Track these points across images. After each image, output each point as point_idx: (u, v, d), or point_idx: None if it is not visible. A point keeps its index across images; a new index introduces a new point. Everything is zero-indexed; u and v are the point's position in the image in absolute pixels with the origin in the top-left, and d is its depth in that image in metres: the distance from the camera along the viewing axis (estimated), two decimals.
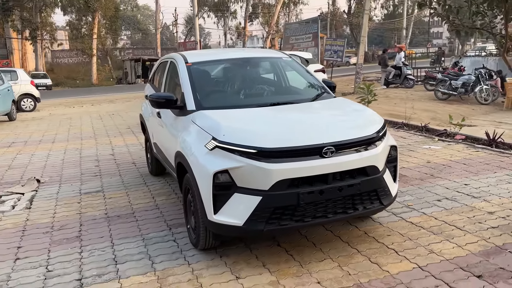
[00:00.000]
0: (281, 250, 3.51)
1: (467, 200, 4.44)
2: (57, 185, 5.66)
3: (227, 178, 3.10)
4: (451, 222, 3.92)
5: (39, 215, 4.58)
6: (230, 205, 3.11)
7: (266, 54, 5.06)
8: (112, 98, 19.49)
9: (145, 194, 5.13)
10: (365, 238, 3.67)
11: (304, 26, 21.02)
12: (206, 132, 3.31)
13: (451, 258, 3.28)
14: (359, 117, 3.62)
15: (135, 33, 76.99)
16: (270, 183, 3.01)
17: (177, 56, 4.67)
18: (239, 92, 4.25)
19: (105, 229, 4.13)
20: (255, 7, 50.25)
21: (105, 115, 12.95)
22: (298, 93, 4.35)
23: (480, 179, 5.11)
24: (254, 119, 3.50)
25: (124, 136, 8.97)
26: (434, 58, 35.16)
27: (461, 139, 7.45)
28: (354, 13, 50.55)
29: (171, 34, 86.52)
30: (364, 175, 3.25)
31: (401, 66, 18.80)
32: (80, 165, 6.64)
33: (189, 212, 3.69)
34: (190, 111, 3.78)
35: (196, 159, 3.26)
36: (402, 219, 4.04)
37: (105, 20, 42.93)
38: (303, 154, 3.08)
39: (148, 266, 3.34)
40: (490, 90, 13.78)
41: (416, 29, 68.27)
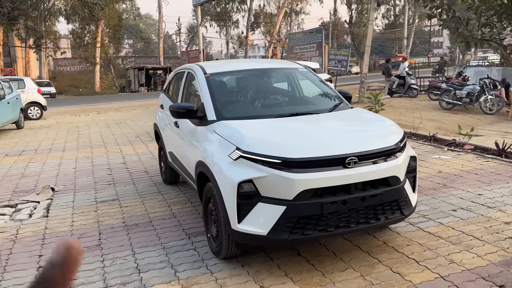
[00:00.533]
0: (302, 260, 3.53)
1: (483, 210, 4.47)
2: (72, 193, 5.70)
3: (251, 188, 3.14)
4: (468, 232, 3.95)
5: (58, 223, 4.61)
6: (254, 214, 3.15)
7: (282, 65, 5.12)
8: (118, 107, 19.57)
9: (160, 203, 5.17)
10: (385, 248, 3.70)
11: (308, 36, 21.17)
12: (229, 142, 3.36)
13: (472, 268, 3.31)
14: (380, 128, 3.67)
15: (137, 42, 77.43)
16: (294, 193, 3.05)
17: (194, 67, 4.74)
18: (257, 103, 4.31)
19: (124, 237, 4.16)
20: (257, 17, 50.61)
21: (112, 123, 13.01)
22: (316, 103, 4.40)
23: (493, 189, 5.15)
24: (277, 129, 3.55)
25: (134, 145, 9.02)
26: (436, 68, 35.36)
27: (470, 149, 7.49)
28: (355, 22, 50.91)
29: (173, 43, 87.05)
30: (386, 185, 3.29)
31: (405, 76, 18.89)
32: (93, 174, 6.68)
33: (210, 221, 3.73)
34: (211, 121, 3.84)
35: (220, 169, 3.31)
36: (420, 229, 4.07)
37: (109, 29, 43.21)
38: (327, 164, 3.12)
39: (172, 275, 3.37)
40: (495, 100, 13.85)
41: (417, 39, 68.55)
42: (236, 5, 50.63)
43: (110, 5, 37.42)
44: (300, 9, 50.54)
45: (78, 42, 45.13)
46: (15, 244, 4.12)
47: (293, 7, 49.06)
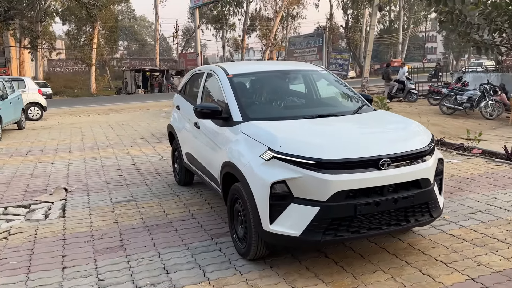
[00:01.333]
0: (330, 262, 3.53)
1: (502, 213, 4.50)
2: (85, 194, 5.65)
3: (284, 189, 3.13)
4: (491, 235, 3.97)
5: (76, 224, 4.57)
6: (287, 215, 3.14)
7: (303, 66, 5.12)
8: (117, 108, 19.47)
9: (177, 204, 5.14)
10: (411, 250, 3.71)
11: (308, 39, 21.26)
12: (260, 143, 3.35)
13: (500, 270, 3.33)
14: (408, 130, 3.68)
15: (132, 44, 77.27)
16: (328, 194, 3.05)
17: (215, 67, 4.73)
18: (282, 104, 4.31)
19: (146, 238, 4.13)
20: (253, 20, 50.69)
21: (115, 125, 12.94)
22: (340, 105, 4.42)
23: (508, 192, 5.19)
24: (307, 130, 3.55)
25: (141, 146, 8.97)
26: (431, 73, 35.65)
27: (478, 153, 7.55)
28: (351, 27, 51.18)
29: (168, 45, 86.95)
30: (417, 187, 3.30)
31: (405, 81, 19.03)
32: (104, 175, 6.63)
33: (236, 221, 3.71)
34: (237, 122, 3.83)
35: (251, 169, 3.29)
36: (442, 231, 4.09)
37: (105, 30, 43.04)
38: (361, 166, 3.13)
39: (201, 276, 3.35)
40: (495, 105, 13.98)
41: (411, 44, 69.10)
42: (233, 8, 50.74)
43: (108, 6, 37.29)
44: (297, 13, 50.73)
45: (74, 43, 44.89)
46: (36, 244, 4.07)
47: (289, 11, 49.18)
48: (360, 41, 47.81)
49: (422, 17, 62.92)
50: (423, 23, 65.76)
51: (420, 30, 68.25)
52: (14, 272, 3.52)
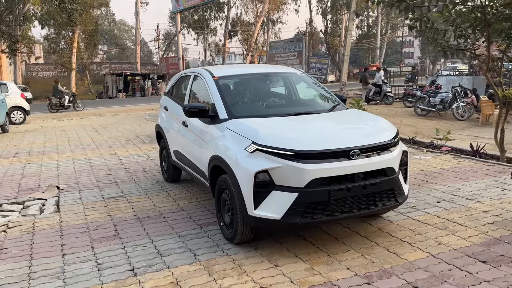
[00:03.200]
0: (308, 243, 3.92)
1: (463, 202, 4.97)
2: (77, 191, 5.93)
3: (266, 177, 3.52)
4: (452, 219, 4.43)
5: (71, 217, 4.86)
6: (269, 201, 3.53)
7: (283, 69, 5.54)
8: (100, 112, 19.60)
9: (166, 198, 5.47)
10: (380, 233, 4.14)
11: (289, 44, 21.79)
12: (245, 137, 3.73)
13: (457, 248, 3.77)
14: (376, 125, 4.12)
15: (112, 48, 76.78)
16: (305, 181, 3.45)
17: (201, 70, 5.09)
18: (263, 103, 4.70)
19: (139, 228, 4.45)
20: (234, 25, 51.18)
21: (99, 128, 13.14)
22: (316, 104, 4.84)
23: (471, 184, 5.68)
24: (286, 126, 3.95)
25: (127, 147, 9.25)
26: (408, 77, 36.69)
27: (447, 151, 8.09)
28: (330, 32, 52.10)
29: (148, 49, 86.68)
30: (384, 175, 3.73)
31: (381, 84, 19.72)
32: (93, 174, 6.90)
33: (223, 210, 4.08)
34: (223, 120, 4.20)
35: (237, 161, 3.67)
36: (409, 217, 4.53)
37: (85, 35, 42.87)
38: (334, 156, 3.54)
39: (192, 258, 3.70)
40: (466, 107, 14.72)
41: (389, 49, 70.58)
42: (214, 13, 51.09)
43: (88, 11, 37.21)
44: (277, 18, 51.44)
45: (53, 47, 44.56)
46: (35, 235, 4.35)
47: (270, 17, 49.85)
48: (339, 46, 48.77)
49: (399, 22, 64.44)
50: (400, 28, 67.32)
51: (398, 35, 69.80)
52: (17, 260, 3.81)
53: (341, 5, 49.23)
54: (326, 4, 51.96)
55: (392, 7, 6.64)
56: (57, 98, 20.35)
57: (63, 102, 20.38)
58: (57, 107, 20.36)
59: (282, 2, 48.54)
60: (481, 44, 7.60)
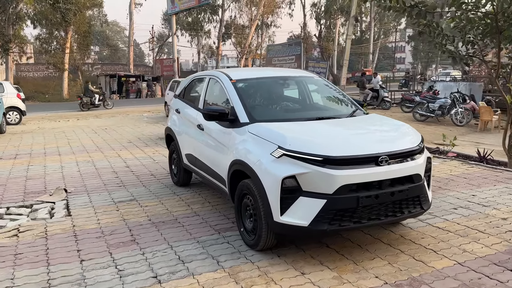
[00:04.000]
0: (332, 251, 3.86)
1: (480, 208, 4.95)
2: (86, 194, 5.81)
3: (293, 183, 3.45)
4: (472, 226, 4.40)
5: (84, 221, 4.74)
6: (296, 207, 3.46)
7: (299, 73, 5.48)
8: (96, 113, 19.37)
9: (178, 202, 5.37)
10: (403, 240, 4.09)
11: (287, 48, 21.78)
12: (270, 142, 3.66)
13: (483, 256, 3.73)
14: (401, 131, 4.08)
15: (104, 49, 76.26)
16: (334, 188, 3.39)
17: (217, 73, 5.02)
18: (282, 107, 4.64)
19: (156, 233, 4.36)
20: (228, 28, 51.08)
21: (98, 129, 12.97)
22: (336, 109, 4.78)
23: (484, 191, 5.67)
24: (311, 131, 3.89)
25: (130, 150, 9.12)
26: (402, 82, 36.94)
27: (453, 156, 8.09)
28: (324, 37, 52.27)
29: (140, 51, 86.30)
30: (411, 182, 3.69)
31: (378, 89, 19.79)
32: (100, 176, 6.78)
33: (244, 216, 4.00)
34: (244, 123, 4.13)
35: (263, 166, 3.59)
36: (429, 224, 4.50)
37: (78, 35, 42.47)
38: (362, 162, 3.48)
39: (215, 265, 3.61)
40: (465, 113, 14.81)
41: (381, 54, 71.02)
42: (208, 15, 50.98)
43: (82, 11, 36.90)
44: (271, 22, 51.46)
45: (45, 47, 44.07)
46: (48, 240, 4.23)
47: (264, 20, 49.85)
48: (333, 50, 48.94)
49: (391, 28, 64.94)
50: (392, 34, 67.84)
51: (390, 41, 70.35)
52: (34, 265, 3.69)
53: (335, 10, 49.45)
54: (320, 8, 52.17)
55: (404, 13, 6.63)
56: (88, 97, 21.35)
57: (94, 100, 21.37)
58: (88, 105, 21.35)
59: (277, 6, 48.62)
60: (490, 50, 7.63)
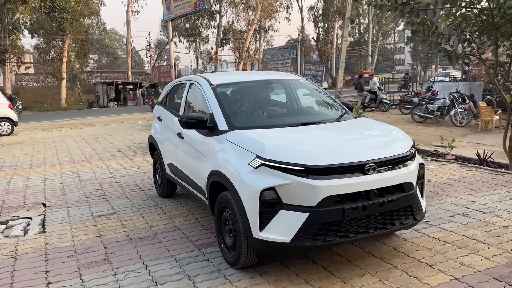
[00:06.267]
0: (319, 267, 3.57)
1: (479, 216, 4.65)
2: (65, 208, 5.53)
3: (273, 195, 3.16)
4: (471, 236, 4.10)
5: (57, 239, 4.46)
6: (276, 222, 3.17)
7: (284, 76, 5.20)
8: (90, 122, 19.14)
9: (160, 216, 5.09)
10: (396, 253, 3.79)
11: (283, 51, 21.54)
12: (248, 151, 3.38)
13: (482, 269, 3.43)
14: (391, 136, 3.79)
15: (102, 57, 76.29)
16: (317, 200, 3.10)
17: (197, 78, 4.75)
18: (265, 113, 4.35)
19: (132, 251, 4.07)
20: (226, 33, 50.92)
21: (89, 138, 12.71)
22: (322, 113, 4.50)
23: (484, 196, 5.37)
24: (293, 138, 3.61)
25: (118, 159, 8.84)
26: (401, 84, 36.68)
27: (452, 159, 7.80)
28: (322, 40, 52.06)
29: (139, 58, 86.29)
30: (401, 191, 3.39)
31: (376, 91, 19.50)
32: (82, 188, 6.50)
33: (224, 230, 3.71)
34: (223, 131, 3.85)
35: (240, 177, 3.31)
36: (425, 234, 4.20)
37: (75, 44, 42.37)
38: (348, 171, 3.19)
39: (191, 286, 3.33)
40: (464, 113, 14.50)
41: (380, 56, 70.78)
42: (205, 21, 50.83)
43: (79, 19, 36.79)
44: (269, 26, 51.27)
45: (43, 56, 43.99)
46: (17, 261, 3.95)
47: (262, 24, 49.70)
48: (331, 53, 48.73)
49: (390, 29, 64.73)
50: (391, 35, 67.64)
51: (389, 42, 70.15)
52: None
53: (332, 13, 49.27)
54: (317, 12, 52.02)
55: (396, 11, 6.36)
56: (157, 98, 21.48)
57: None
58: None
59: (274, 10, 48.47)
60: (487, 48, 7.35)
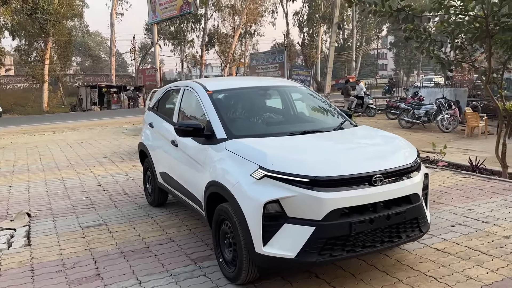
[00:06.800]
0: (322, 282, 3.43)
1: (479, 225, 4.58)
2: (51, 218, 5.28)
3: (277, 208, 3.02)
4: (474, 247, 4.02)
5: (44, 252, 4.22)
6: (280, 236, 3.02)
7: (282, 83, 5.07)
8: (73, 126, 18.70)
9: (152, 226, 4.89)
10: (400, 266, 3.68)
11: (270, 56, 21.45)
12: (249, 161, 3.23)
13: (490, 283, 3.34)
14: (395, 145, 3.68)
15: (85, 60, 75.18)
16: (324, 213, 2.96)
17: (192, 84, 4.58)
18: (265, 120, 4.21)
19: (124, 265, 3.87)
20: (211, 37, 50.72)
21: (74, 143, 12.37)
22: (323, 121, 4.37)
23: (480, 204, 5.32)
24: (295, 147, 3.47)
25: (105, 166, 8.58)
26: (385, 89, 37.03)
27: (444, 166, 7.77)
28: (307, 45, 52.29)
29: (123, 61, 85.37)
30: (408, 203, 3.28)
31: (363, 96, 19.57)
32: (69, 197, 6.25)
33: (223, 244, 3.55)
34: (221, 140, 3.69)
35: (242, 189, 3.16)
36: (426, 245, 4.10)
37: (58, 46, 41.63)
38: (355, 183, 3.07)
39: None
40: (451, 119, 14.61)
41: (364, 61, 71.43)
42: (191, 25, 50.56)
43: (62, 21, 36.16)
44: (254, 30, 51.29)
45: (24, 59, 43.08)
46: (1, 277, 3.71)
47: (247, 29, 49.67)
48: (316, 58, 48.94)
49: (373, 35, 65.41)
50: (374, 41, 68.35)
51: (372, 48, 70.85)
52: None
53: (317, 18, 49.54)
54: (302, 17, 52.26)
55: (390, 17, 6.30)
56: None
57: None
58: None
59: (259, 14, 48.50)
60: (479, 55, 7.36)
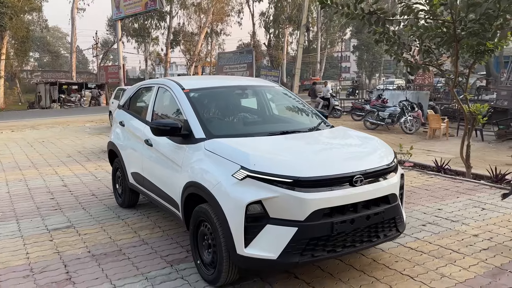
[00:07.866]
0: (301, 282, 3.42)
1: (449, 224, 4.72)
2: (14, 221, 5.02)
3: (259, 209, 2.98)
4: (446, 246, 4.13)
5: (9, 256, 4.00)
6: (262, 237, 2.99)
7: (259, 82, 5.02)
8: (33, 124, 17.95)
9: (124, 228, 4.74)
10: (376, 266, 3.73)
11: (238, 56, 21.42)
12: (231, 161, 3.17)
13: (463, 280, 3.44)
14: (373, 146, 3.72)
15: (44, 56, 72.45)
16: (306, 213, 2.95)
17: (168, 82, 4.47)
18: (243, 120, 4.16)
19: (96, 269, 3.72)
20: (176, 35, 50.07)
21: (35, 142, 11.86)
22: (301, 121, 4.37)
23: (448, 204, 5.48)
24: (276, 147, 3.44)
25: (69, 166, 8.26)
26: (349, 91, 37.75)
27: (410, 166, 7.97)
28: (273, 46, 52.60)
29: (84, 57, 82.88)
30: (386, 203, 3.33)
31: (329, 98, 19.86)
32: (32, 198, 5.96)
33: (202, 246, 3.48)
34: (200, 139, 3.61)
35: (223, 190, 3.10)
36: (400, 244, 4.18)
37: (15, 41, 39.88)
38: (336, 183, 3.08)
39: None
40: (413, 121, 15.07)
41: (328, 63, 72.62)
42: (155, 22, 49.74)
43: (19, 15, 34.66)
44: (221, 30, 51.05)
45: None
46: None
47: (214, 28, 49.37)
48: (282, 59, 49.25)
49: (337, 38, 66.57)
50: (338, 44, 69.59)
51: (336, 50, 72.14)
52: None
53: (283, 20, 49.91)
54: (268, 18, 52.50)
55: (362, 19, 6.39)
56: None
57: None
58: None
59: (226, 14, 48.31)
60: (446, 59, 7.60)
